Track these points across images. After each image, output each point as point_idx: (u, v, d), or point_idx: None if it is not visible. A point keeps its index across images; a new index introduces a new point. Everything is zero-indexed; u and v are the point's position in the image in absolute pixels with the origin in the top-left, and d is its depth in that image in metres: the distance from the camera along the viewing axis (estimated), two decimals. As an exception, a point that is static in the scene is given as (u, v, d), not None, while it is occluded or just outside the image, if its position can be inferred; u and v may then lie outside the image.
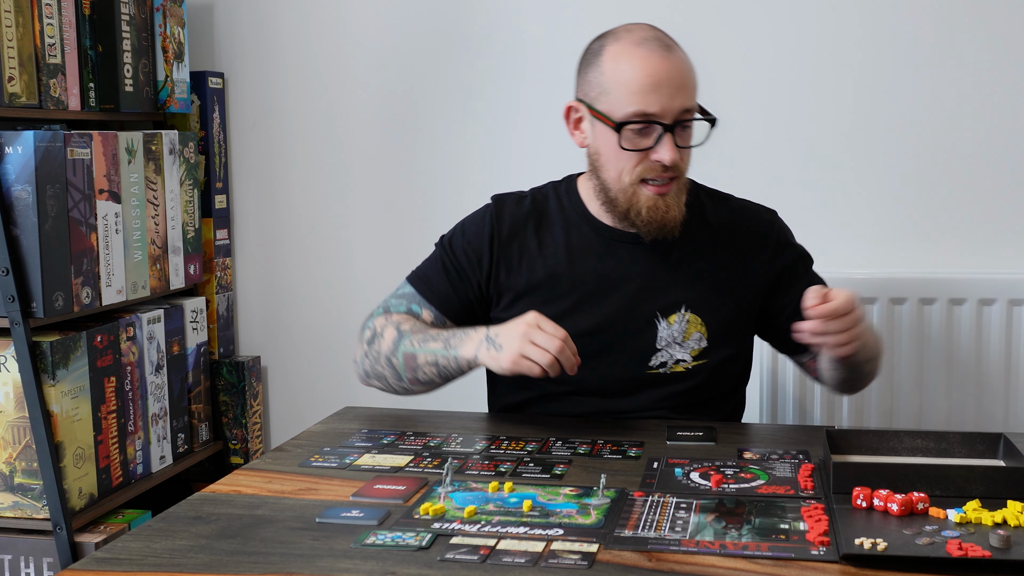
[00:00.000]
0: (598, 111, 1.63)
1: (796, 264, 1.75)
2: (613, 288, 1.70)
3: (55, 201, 2.00)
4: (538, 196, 1.79)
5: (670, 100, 1.59)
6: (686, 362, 1.69)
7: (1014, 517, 1.19)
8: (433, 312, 1.76)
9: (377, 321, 1.78)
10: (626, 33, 1.65)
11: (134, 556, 1.18)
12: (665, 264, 1.70)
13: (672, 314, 1.69)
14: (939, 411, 2.23)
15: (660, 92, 1.59)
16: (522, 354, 1.54)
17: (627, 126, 1.60)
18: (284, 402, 2.67)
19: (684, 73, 1.62)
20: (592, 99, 1.65)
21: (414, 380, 1.71)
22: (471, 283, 1.76)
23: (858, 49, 2.29)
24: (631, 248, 1.71)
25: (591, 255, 1.72)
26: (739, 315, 1.71)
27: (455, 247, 1.78)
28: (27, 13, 2.05)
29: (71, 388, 2.04)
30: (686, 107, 1.61)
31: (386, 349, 1.72)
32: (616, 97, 1.61)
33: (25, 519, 2.04)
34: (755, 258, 1.72)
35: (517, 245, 1.74)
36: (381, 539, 1.20)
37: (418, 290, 1.78)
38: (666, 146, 1.60)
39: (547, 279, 1.72)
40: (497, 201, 1.79)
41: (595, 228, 1.73)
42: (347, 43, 2.53)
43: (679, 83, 1.60)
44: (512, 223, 1.75)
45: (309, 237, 2.61)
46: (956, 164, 2.28)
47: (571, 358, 1.55)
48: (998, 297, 2.19)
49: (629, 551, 1.16)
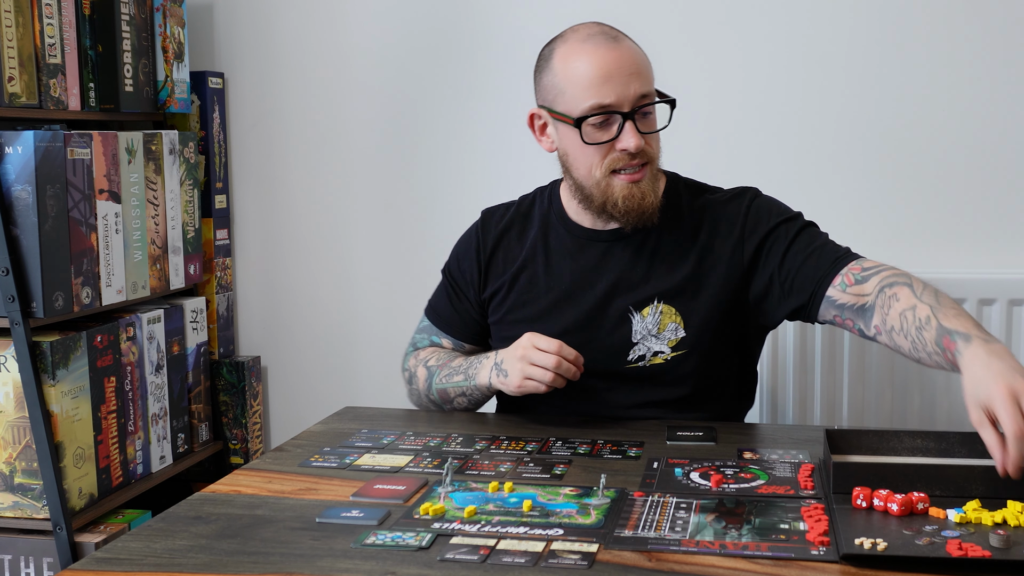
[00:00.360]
0: (558, 112, 1.66)
1: (775, 232, 1.67)
2: (587, 286, 1.72)
3: (55, 201, 2.00)
4: (524, 203, 1.83)
5: (624, 88, 1.60)
6: (664, 354, 1.68)
7: (1014, 517, 1.19)
8: (450, 340, 1.85)
9: (410, 362, 1.87)
10: (572, 33, 1.68)
11: (134, 556, 1.17)
12: (638, 259, 1.71)
13: (645, 307, 1.69)
14: (939, 411, 2.23)
15: (613, 82, 1.60)
16: (525, 377, 1.60)
17: (586, 121, 1.62)
18: (284, 402, 2.68)
19: (634, 60, 1.64)
20: (550, 102, 1.67)
21: (453, 408, 1.80)
22: (469, 301, 1.82)
23: (858, 48, 2.29)
24: (605, 246, 1.72)
25: (566, 255, 1.74)
26: (717, 303, 1.68)
27: (452, 271, 1.85)
28: (27, 13, 2.05)
29: (71, 388, 2.04)
30: (642, 93, 1.62)
31: (423, 388, 1.81)
32: (572, 95, 1.63)
33: (25, 519, 2.04)
34: (725, 244, 1.69)
35: (501, 254, 1.80)
36: (381, 539, 1.20)
37: (433, 322, 1.87)
38: (628, 134, 1.61)
39: (526, 282, 1.76)
40: (484, 215, 1.85)
41: (569, 229, 1.75)
42: (347, 43, 2.53)
43: (630, 71, 1.62)
44: (497, 234, 1.81)
45: (309, 237, 2.61)
46: (956, 164, 2.28)
47: (571, 367, 1.60)
48: (998, 297, 2.19)
49: (629, 551, 1.16)
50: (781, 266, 1.65)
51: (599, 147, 1.63)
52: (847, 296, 1.59)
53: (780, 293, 1.65)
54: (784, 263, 1.64)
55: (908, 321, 1.48)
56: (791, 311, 1.66)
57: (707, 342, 1.69)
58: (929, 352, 1.44)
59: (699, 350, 1.68)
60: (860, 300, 1.57)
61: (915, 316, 1.47)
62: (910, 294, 1.51)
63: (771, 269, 1.66)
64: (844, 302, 1.59)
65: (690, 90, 2.35)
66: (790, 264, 1.64)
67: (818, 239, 1.67)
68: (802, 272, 1.63)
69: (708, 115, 2.36)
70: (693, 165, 1.89)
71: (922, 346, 1.45)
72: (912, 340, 1.47)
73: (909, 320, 1.48)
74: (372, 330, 2.59)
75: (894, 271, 1.57)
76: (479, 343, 1.84)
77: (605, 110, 1.61)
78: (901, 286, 1.53)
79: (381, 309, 2.58)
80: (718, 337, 1.70)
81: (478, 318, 1.82)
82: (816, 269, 1.62)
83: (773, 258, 1.66)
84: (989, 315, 2.20)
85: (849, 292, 1.59)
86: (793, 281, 1.63)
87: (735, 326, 1.71)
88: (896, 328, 1.50)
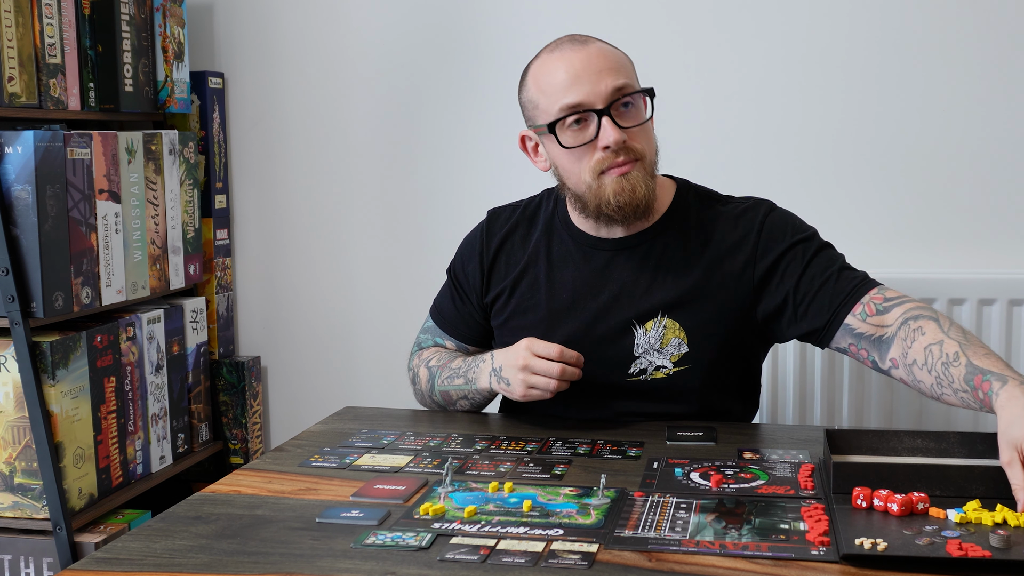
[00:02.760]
0: (540, 126, 1.65)
1: (791, 252, 1.64)
2: (589, 296, 1.69)
3: (55, 201, 2.00)
4: (531, 205, 1.81)
5: (594, 85, 1.58)
6: (667, 368, 1.65)
7: (1014, 517, 1.19)
8: (453, 342, 1.84)
9: (413, 362, 1.86)
10: (544, 49, 1.68)
11: (134, 556, 1.18)
12: (642, 270, 1.67)
13: (648, 320, 1.66)
14: (939, 411, 2.23)
15: (581, 81, 1.58)
16: (528, 387, 1.60)
17: (560, 124, 1.60)
18: (284, 402, 2.68)
19: (604, 57, 1.61)
20: (532, 119, 1.67)
21: (457, 410, 1.79)
22: (472, 303, 1.80)
23: (858, 49, 2.29)
24: (609, 255, 1.69)
25: (569, 263, 1.72)
26: (722, 319, 1.65)
27: (456, 272, 1.83)
28: (27, 13, 2.05)
29: (71, 388, 2.04)
30: (616, 87, 1.59)
31: (425, 389, 1.81)
32: (545, 105, 1.62)
33: (25, 519, 2.04)
34: (735, 259, 1.65)
35: (504, 258, 1.78)
36: (381, 539, 1.20)
37: (436, 323, 1.86)
38: (606, 128, 1.58)
39: (527, 287, 1.74)
40: (490, 216, 1.84)
41: (573, 236, 1.72)
42: (347, 43, 2.53)
43: (600, 67, 1.59)
44: (502, 236, 1.79)
45: (309, 237, 2.61)
46: (956, 164, 2.28)
47: (573, 371, 1.59)
48: (998, 297, 2.19)
49: (629, 551, 1.16)
50: (796, 288, 1.61)
51: (583, 150, 1.60)
52: (866, 326, 1.55)
53: (793, 315, 1.62)
54: (800, 285, 1.61)
55: (934, 356, 1.45)
56: (804, 334, 1.63)
57: (711, 357, 1.66)
58: (955, 389, 1.42)
59: (702, 365, 1.65)
60: (880, 331, 1.54)
61: (942, 351, 1.44)
62: (937, 328, 1.48)
63: (786, 290, 1.62)
64: (862, 331, 1.55)
65: (689, 90, 2.36)
66: (806, 287, 1.60)
67: (836, 262, 1.63)
68: (820, 297, 1.59)
69: (708, 115, 2.36)
70: (694, 168, 1.89)
71: (948, 382, 1.43)
72: (937, 376, 1.45)
73: (935, 355, 1.45)
74: (372, 330, 2.59)
75: (918, 304, 1.54)
76: (482, 345, 1.83)
77: (576, 110, 1.58)
78: (927, 320, 1.49)
79: (381, 309, 2.58)
80: (722, 352, 1.66)
81: (481, 321, 1.81)
82: (835, 295, 1.58)
83: (788, 279, 1.62)
84: (989, 315, 2.20)
85: (869, 322, 1.55)
86: (809, 305, 1.60)
87: (740, 341, 1.68)
88: (919, 362, 1.47)
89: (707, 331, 1.65)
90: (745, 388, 1.76)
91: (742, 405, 1.76)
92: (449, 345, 1.84)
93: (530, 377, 1.58)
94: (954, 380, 1.42)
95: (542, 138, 1.67)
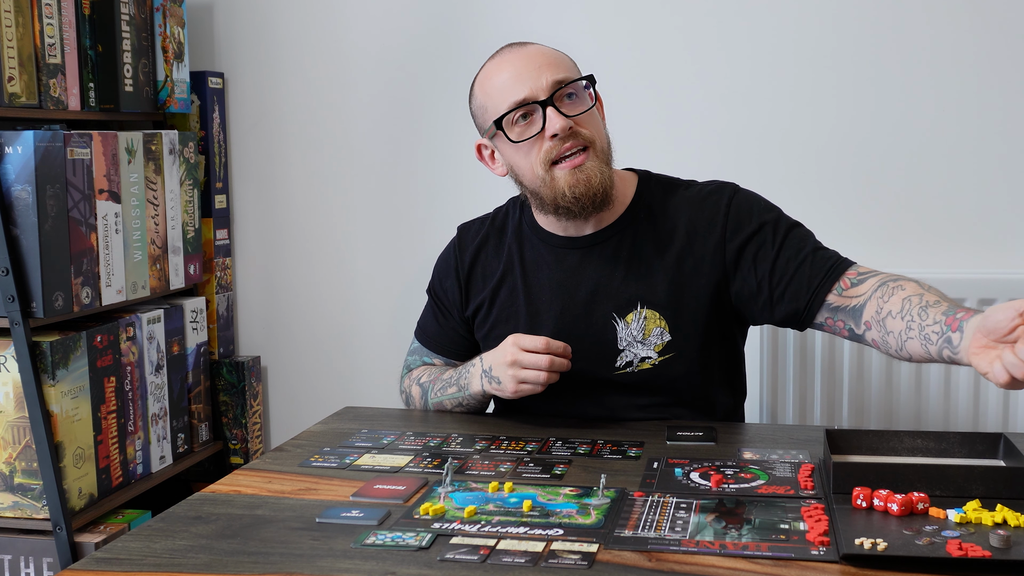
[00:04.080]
0: (490, 127, 1.68)
1: (760, 233, 1.65)
2: (567, 295, 1.71)
3: (55, 201, 2.00)
4: (498, 215, 1.84)
5: (535, 80, 1.63)
6: (652, 359, 1.68)
7: (1014, 517, 1.19)
8: (440, 358, 1.86)
9: (404, 384, 1.89)
10: (486, 61, 1.72)
11: (134, 556, 1.18)
12: (616, 264, 1.70)
13: (628, 313, 1.68)
14: (939, 411, 2.23)
15: (521, 78, 1.64)
16: (518, 382, 1.61)
17: (506, 119, 1.64)
18: (284, 402, 2.68)
19: (543, 55, 1.67)
20: (484, 125, 1.71)
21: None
22: (454, 318, 1.83)
23: (858, 49, 2.29)
24: (581, 253, 1.72)
25: (543, 266, 1.74)
26: (699, 304, 1.67)
27: (435, 290, 1.86)
28: (27, 13, 2.05)
29: (71, 388, 2.04)
30: (557, 80, 1.63)
31: (419, 406, 1.84)
32: (494, 107, 1.67)
33: (25, 519, 2.04)
34: (706, 243, 1.67)
35: (479, 270, 1.80)
36: (381, 539, 1.20)
37: (422, 343, 1.88)
38: (551, 117, 1.62)
39: (506, 295, 1.76)
40: (460, 231, 1.86)
41: (543, 239, 1.75)
42: (347, 43, 2.53)
43: (539, 63, 1.64)
44: (474, 248, 1.81)
45: (309, 237, 2.61)
46: (956, 164, 2.28)
47: (562, 361, 1.60)
48: (998, 297, 2.19)
49: (629, 551, 1.16)
50: (772, 271, 1.64)
51: (532, 143, 1.64)
52: (842, 299, 1.59)
53: (769, 299, 1.64)
54: (775, 268, 1.63)
55: (912, 304, 1.49)
56: (784, 317, 1.65)
57: (694, 344, 1.68)
58: (924, 326, 1.45)
59: (687, 352, 1.68)
60: (855, 301, 1.58)
61: (922, 300, 1.49)
62: (916, 287, 1.53)
63: (761, 273, 1.64)
64: (839, 304, 1.59)
65: (687, 91, 2.36)
66: (782, 270, 1.63)
67: (808, 242, 1.66)
68: (797, 279, 1.62)
69: (707, 116, 2.36)
70: (695, 168, 1.89)
71: (919, 324, 1.46)
72: (909, 320, 1.48)
73: (914, 303, 1.49)
74: (372, 330, 2.59)
75: (896, 274, 1.58)
76: (469, 359, 1.81)
77: (521, 104, 1.63)
78: (908, 281, 1.55)
79: (381, 309, 2.58)
80: (705, 337, 1.68)
81: (465, 335, 1.83)
82: (812, 276, 1.61)
83: (762, 262, 1.64)
84: (989, 315, 2.20)
85: (845, 295, 1.59)
86: (787, 287, 1.62)
87: (719, 323, 1.70)
88: (894, 312, 1.50)
89: (687, 317, 1.67)
90: (730, 372, 1.77)
91: (731, 390, 1.77)
92: (437, 363, 1.87)
93: (520, 372, 1.60)
94: (928, 317, 1.45)
95: (495, 141, 1.70)
